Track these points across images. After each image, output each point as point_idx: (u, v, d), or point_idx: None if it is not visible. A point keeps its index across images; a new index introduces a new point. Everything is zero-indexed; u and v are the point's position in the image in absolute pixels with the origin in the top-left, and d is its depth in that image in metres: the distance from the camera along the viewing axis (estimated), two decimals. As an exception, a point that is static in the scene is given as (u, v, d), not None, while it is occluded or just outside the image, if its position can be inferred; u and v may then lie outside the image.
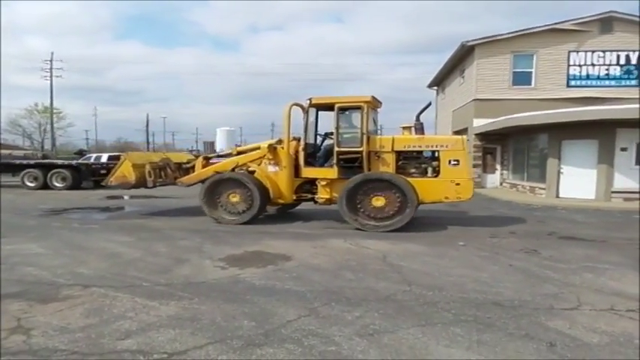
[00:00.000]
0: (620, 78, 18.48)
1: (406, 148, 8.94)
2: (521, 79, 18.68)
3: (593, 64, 18.58)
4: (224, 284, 4.93)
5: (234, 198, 9.24)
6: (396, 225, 8.28)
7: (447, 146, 8.72)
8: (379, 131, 9.77)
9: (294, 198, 9.44)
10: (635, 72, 18.43)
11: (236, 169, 9.53)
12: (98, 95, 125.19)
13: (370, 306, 4.24)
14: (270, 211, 10.58)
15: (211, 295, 4.54)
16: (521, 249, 6.94)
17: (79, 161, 21.71)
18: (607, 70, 18.53)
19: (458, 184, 8.53)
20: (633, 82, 18.39)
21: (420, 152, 9.01)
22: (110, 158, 23.18)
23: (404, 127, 9.39)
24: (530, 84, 18.60)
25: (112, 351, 3.28)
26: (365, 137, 8.60)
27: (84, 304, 4.25)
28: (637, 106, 12.94)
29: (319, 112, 9.68)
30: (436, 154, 8.81)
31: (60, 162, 20.78)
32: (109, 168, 20.68)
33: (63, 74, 50.98)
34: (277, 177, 9.31)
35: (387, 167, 8.82)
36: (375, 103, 9.12)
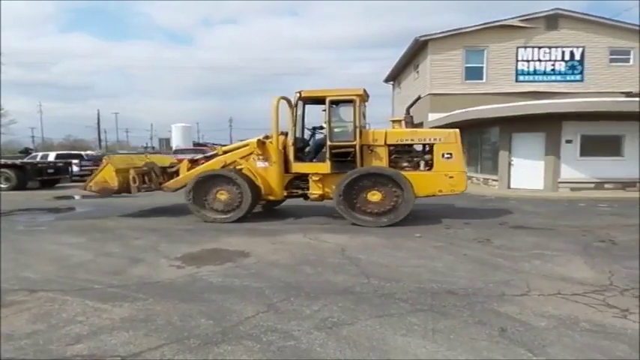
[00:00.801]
0: (565, 73, 19.40)
1: (399, 142, 8.90)
2: (473, 74, 19.29)
3: (539, 60, 19.41)
4: (180, 283, 4.83)
5: (223, 196, 8.97)
6: (393, 220, 8.24)
7: (440, 139, 8.72)
8: (368, 125, 9.71)
9: (285, 194, 9.25)
10: (579, 67, 19.38)
11: (223, 168, 9.27)
12: (43, 91, 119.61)
13: (329, 299, 4.26)
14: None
15: (167, 294, 4.43)
16: (475, 239, 7.16)
17: (24, 160, 20.64)
18: (553, 65, 19.41)
19: (451, 177, 8.60)
20: (577, 77, 19.35)
21: (412, 146, 9.00)
22: (58, 157, 22.21)
23: (394, 121, 9.43)
24: (481, 79, 19.24)
25: (62, 357, 3.15)
26: (358, 131, 8.52)
27: (30, 310, 4.05)
28: (581, 100, 13.61)
29: (306, 106, 9.48)
30: (428, 148, 8.85)
31: (3, 161, 19.67)
32: (56, 167, 19.86)
33: (4, 69, 48.19)
34: (267, 173, 9.08)
35: (380, 161, 8.76)
36: (364, 97, 9.03)
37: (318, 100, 9.07)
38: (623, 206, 11.22)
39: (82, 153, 26.67)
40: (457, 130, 8.87)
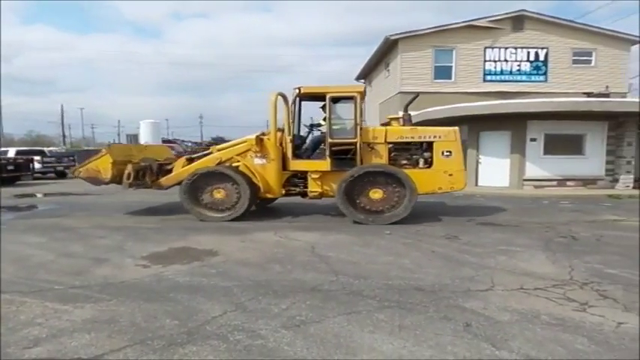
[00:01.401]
0: (530, 73, 19.93)
1: (399, 140, 8.86)
2: (443, 73, 19.58)
3: (506, 60, 19.87)
4: (146, 283, 4.72)
5: (219, 194, 8.75)
6: (394, 218, 8.25)
7: (439, 137, 8.73)
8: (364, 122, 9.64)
9: (283, 192, 9.06)
10: (543, 68, 19.94)
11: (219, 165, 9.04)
12: (3, 84, 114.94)
13: (297, 297, 4.25)
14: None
15: (131, 295, 4.33)
16: (443, 235, 7.27)
17: (-18, 157, 19.79)
18: (518, 65, 19.90)
19: (451, 174, 8.64)
20: (541, 78, 19.90)
21: (412, 143, 8.97)
22: (18, 153, 21.43)
23: (392, 119, 9.40)
24: (450, 78, 19.55)
25: (18, 361, 3.03)
26: (359, 128, 8.48)
27: (-15, 313, 3.88)
28: (545, 100, 14.01)
29: (302, 103, 9.38)
30: (427, 146, 8.83)
31: (-41, 158, 18.82)
32: (17, 164, 19.14)
33: (-38, 61, 46.10)
34: (265, 170, 8.88)
35: (380, 159, 8.74)
36: (364, 94, 8.98)
37: (318, 97, 9.03)
38: (583, 203, 11.62)
39: (45, 149, 25.80)
40: (457, 128, 8.92)
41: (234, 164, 9.04)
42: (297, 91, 8.84)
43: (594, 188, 14.32)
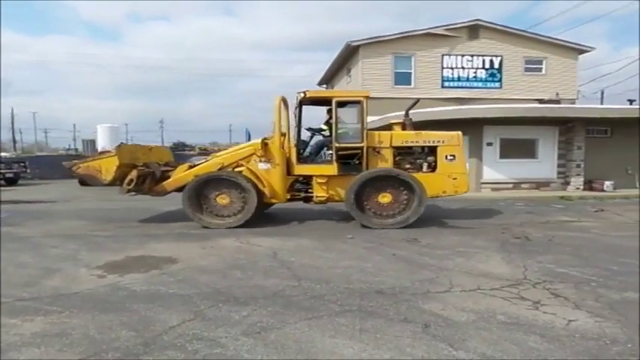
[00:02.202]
0: (486, 80, 20.62)
1: (404, 144, 8.90)
2: (402, 79, 19.98)
3: (463, 67, 20.49)
4: (100, 293, 4.56)
5: (224, 200, 8.52)
6: (404, 222, 8.28)
7: (443, 142, 8.83)
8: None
9: (288, 197, 8.91)
10: (498, 75, 20.66)
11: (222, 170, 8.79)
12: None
13: (258, 304, 4.20)
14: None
15: (85, 306, 4.17)
16: (404, 238, 7.38)
17: None
18: (475, 73, 20.55)
19: (455, 178, 8.73)
20: (496, 85, 20.62)
21: (416, 148, 9.03)
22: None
23: (394, 123, 9.41)
24: (410, 84, 19.94)
25: (-42, 381, 2.86)
26: (365, 132, 8.48)
27: None
28: (500, 105, 14.50)
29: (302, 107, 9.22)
30: (431, 150, 8.92)
31: None
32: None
33: None
34: (270, 175, 8.67)
35: (385, 163, 8.73)
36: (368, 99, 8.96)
37: (322, 101, 8.97)
38: (537, 205, 12.07)
39: (-6, 155, 24.57)
40: (460, 132, 9.05)
41: (237, 169, 8.82)
42: (303, 95, 8.77)
43: (547, 190, 14.91)
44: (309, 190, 8.90)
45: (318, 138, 9.31)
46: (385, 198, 8.42)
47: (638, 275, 5.16)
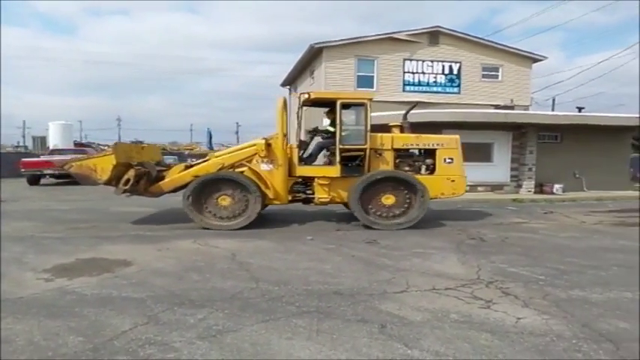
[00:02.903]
0: (445, 85, 21.13)
1: (404, 147, 9.03)
2: (365, 82, 20.16)
3: (423, 72, 20.92)
4: (47, 298, 4.36)
5: (225, 201, 8.34)
6: (408, 224, 8.40)
7: (442, 145, 9.02)
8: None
9: (290, 199, 8.83)
10: (457, 81, 21.23)
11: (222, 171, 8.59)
12: None
13: (215, 306, 4.13)
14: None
15: (30, 311, 3.97)
16: (364, 240, 7.45)
17: None
18: (435, 78, 21.03)
19: (453, 180, 8.90)
20: (455, 90, 21.18)
21: (415, 150, 9.17)
22: None
23: (393, 126, 9.43)
24: (372, 87, 20.14)
25: None
26: (369, 134, 8.49)
27: None
28: (458, 110, 14.90)
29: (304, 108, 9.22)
30: (430, 153, 9.06)
31: None
32: None
33: None
34: (272, 176, 8.55)
35: (386, 165, 8.81)
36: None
37: (325, 103, 8.98)
38: (492, 207, 12.47)
39: None
40: (458, 136, 9.26)
41: (239, 170, 8.68)
42: (307, 95, 8.75)
43: (501, 193, 15.42)
44: (309, 192, 8.92)
45: (318, 139, 9.32)
46: (389, 199, 8.55)
47: (585, 275, 5.42)
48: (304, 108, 9.37)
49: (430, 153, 9.12)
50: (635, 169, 19.53)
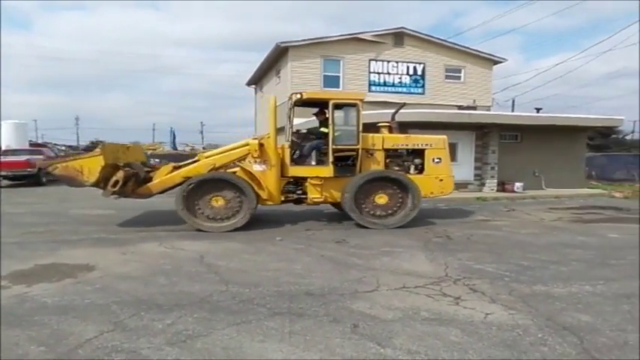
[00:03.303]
0: (410, 86, 21.47)
1: (394, 147, 9.12)
2: (331, 82, 20.24)
3: (388, 73, 21.19)
4: (5, 306, 4.14)
5: (218, 202, 8.20)
6: (401, 222, 8.53)
7: (431, 145, 9.16)
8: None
9: (282, 199, 8.78)
10: (421, 82, 21.60)
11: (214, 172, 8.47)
12: None
13: (184, 311, 4.04)
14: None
15: (-15, 321, 3.77)
16: (333, 239, 7.46)
17: None
18: (400, 78, 21.33)
19: (441, 180, 9.09)
20: (419, 90, 21.54)
21: (405, 150, 9.24)
22: None
23: (381, 126, 9.45)
24: (338, 87, 20.24)
25: None
26: (361, 135, 8.54)
27: None
28: (424, 110, 15.14)
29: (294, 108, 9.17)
30: (418, 153, 9.17)
31: None
32: None
33: None
34: (265, 176, 8.49)
35: (377, 165, 8.90)
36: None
37: (317, 103, 9.02)
38: (457, 205, 12.73)
39: None
40: (445, 136, 9.44)
41: (230, 170, 8.61)
42: (300, 96, 8.72)
43: (465, 192, 15.76)
44: (300, 192, 8.93)
45: (310, 139, 9.29)
46: (381, 199, 8.66)
47: (547, 270, 5.61)
48: (296, 108, 9.37)
49: (419, 153, 9.28)
50: (593, 168, 20.43)
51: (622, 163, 22.00)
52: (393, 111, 10.28)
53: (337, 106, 8.73)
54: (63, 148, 37.88)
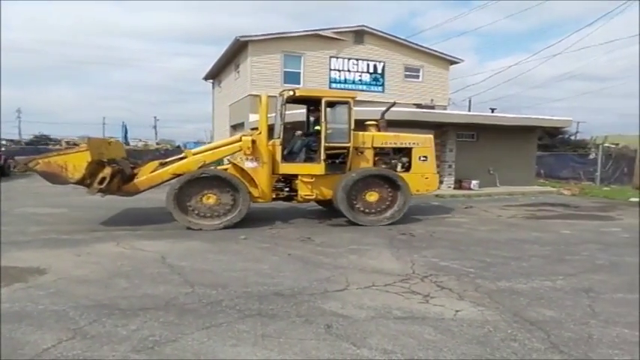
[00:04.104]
0: (370, 84, 21.63)
1: (383, 145, 9.22)
2: (292, 78, 20.02)
3: (349, 70, 21.26)
4: (-52, 315, 3.81)
5: (210, 199, 8.07)
6: (393, 219, 8.65)
7: (417, 144, 9.33)
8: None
9: (273, 197, 8.73)
10: (381, 80, 21.82)
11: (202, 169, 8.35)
12: None
13: (149, 315, 3.85)
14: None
15: None
16: (298, 238, 7.39)
17: None
18: (360, 76, 21.46)
19: (427, 177, 9.29)
20: (379, 89, 21.76)
21: (394, 149, 9.35)
22: None
23: (369, 125, 9.43)
24: (299, 83, 20.09)
25: None
26: (352, 133, 8.59)
27: None
28: (381, 108, 15.29)
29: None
30: (405, 151, 9.31)
31: None
32: None
33: None
34: (257, 174, 8.44)
35: (367, 163, 9.00)
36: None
37: (308, 101, 9.13)
38: (416, 202, 12.90)
39: None
40: (432, 136, 9.71)
41: (222, 168, 8.58)
42: (292, 93, 8.70)
43: (423, 189, 16.08)
44: (288, 189, 8.93)
45: (301, 136, 9.24)
46: (372, 196, 8.74)
47: (509, 266, 5.76)
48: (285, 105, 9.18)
49: (406, 151, 9.42)
50: (542, 167, 21.32)
51: (568, 162, 23.13)
52: (358, 109, 10.29)
53: (330, 104, 8.79)
54: (3, 142, 35.73)
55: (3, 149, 24.90)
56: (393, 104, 10.32)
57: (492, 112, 17.52)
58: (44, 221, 8.63)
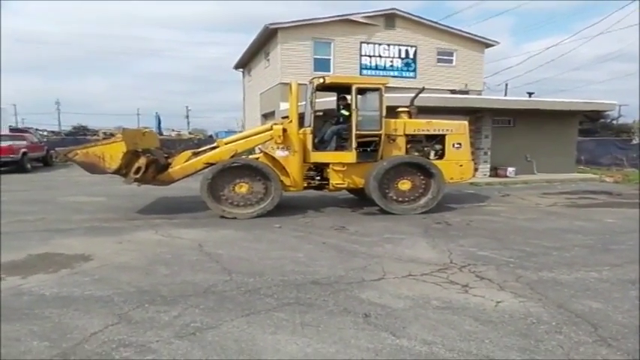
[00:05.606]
0: (401, 69, 21.30)
1: (415, 132, 9.10)
2: (322, 65, 19.94)
3: (380, 56, 20.97)
4: (1, 299, 3.99)
5: (242, 188, 8.18)
6: (427, 207, 8.52)
7: (451, 130, 9.15)
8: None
9: (305, 185, 8.77)
10: (413, 65, 21.44)
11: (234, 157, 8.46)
12: None
13: (189, 302, 3.93)
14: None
15: (-18, 315, 3.61)
16: (331, 226, 7.38)
17: None
18: (391, 61, 21.14)
19: (461, 165, 9.11)
20: (411, 74, 21.39)
21: (426, 136, 9.23)
22: None
23: (401, 112, 9.41)
24: (329, 70, 19.96)
25: None
26: (383, 120, 8.49)
27: None
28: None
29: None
30: (438, 138, 9.18)
31: None
32: None
33: None
34: (288, 162, 8.45)
35: (398, 150, 8.88)
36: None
37: (339, 88, 9.06)
38: (451, 190, 12.65)
39: None
40: (466, 122, 9.49)
41: (253, 157, 8.60)
42: (322, 80, 8.58)
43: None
44: (318, 178, 8.94)
45: (331, 124, 9.22)
46: (405, 185, 8.63)
47: (550, 256, 5.59)
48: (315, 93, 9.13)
49: (439, 138, 9.26)
50: (582, 153, 20.55)
51: (610, 147, 22.23)
52: (389, 95, 10.13)
53: (360, 91, 8.66)
54: (45, 133, 37.06)
55: (45, 140, 25.83)
56: (422, 90, 10.09)
57: (530, 96, 16.98)
58: (85, 209, 8.92)
